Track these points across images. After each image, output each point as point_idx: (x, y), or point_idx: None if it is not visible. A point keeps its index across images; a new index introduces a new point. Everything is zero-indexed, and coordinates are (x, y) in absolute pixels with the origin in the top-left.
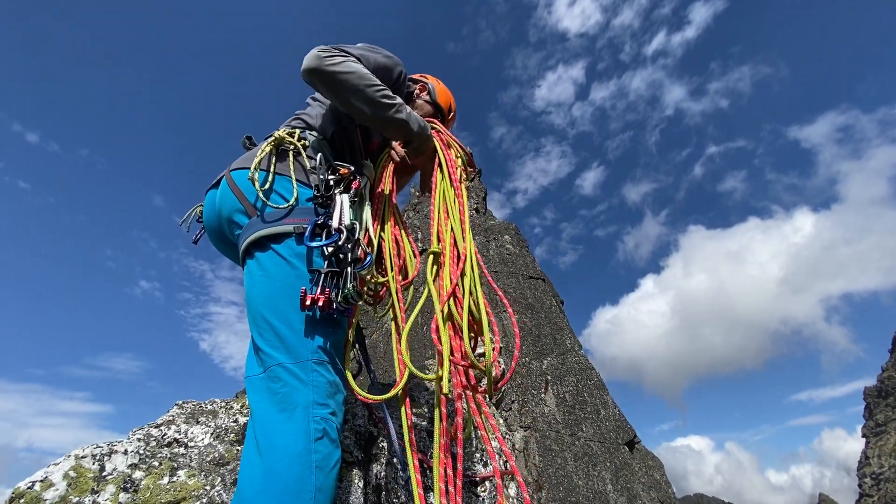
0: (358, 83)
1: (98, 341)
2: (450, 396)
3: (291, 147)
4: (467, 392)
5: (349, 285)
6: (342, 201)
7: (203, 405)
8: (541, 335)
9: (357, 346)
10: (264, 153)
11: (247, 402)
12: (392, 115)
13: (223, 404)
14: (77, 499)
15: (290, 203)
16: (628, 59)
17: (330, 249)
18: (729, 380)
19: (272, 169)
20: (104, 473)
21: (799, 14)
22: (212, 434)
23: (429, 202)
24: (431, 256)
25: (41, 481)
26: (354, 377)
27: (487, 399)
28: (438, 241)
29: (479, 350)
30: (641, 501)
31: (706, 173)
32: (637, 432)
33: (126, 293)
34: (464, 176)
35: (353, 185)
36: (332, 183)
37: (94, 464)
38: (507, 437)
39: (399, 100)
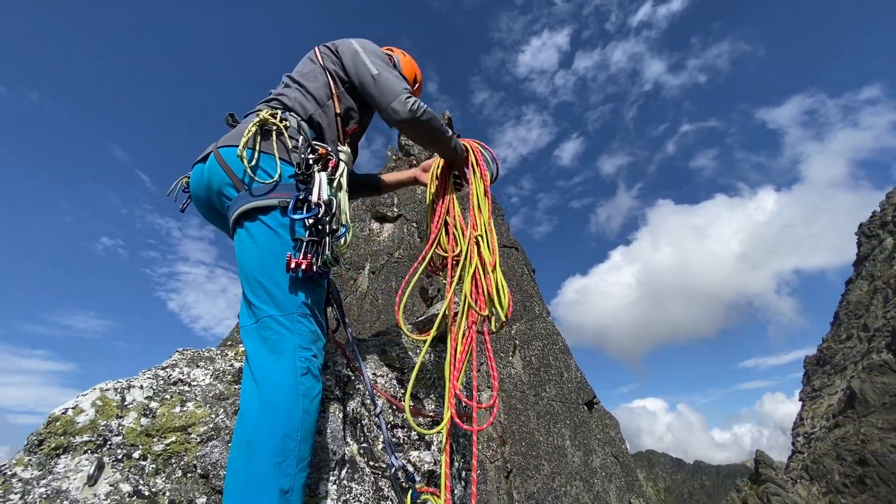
0: (437, 128)
1: (57, 298)
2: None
3: (275, 128)
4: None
5: (327, 252)
6: (321, 178)
7: (201, 352)
8: (512, 301)
9: (335, 305)
10: (250, 133)
11: (240, 351)
12: (451, 146)
13: (219, 352)
14: (105, 422)
15: (275, 179)
16: (613, 29)
17: (310, 221)
18: (685, 347)
19: (257, 147)
20: (125, 403)
21: None
22: (212, 375)
23: (405, 170)
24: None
25: (73, 408)
26: (333, 332)
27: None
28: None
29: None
30: (596, 455)
31: (679, 150)
32: (597, 394)
33: (86, 249)
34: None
35: (330, 164)
36: (311, 161)
37: (116, 395)
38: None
39: (448, 130)
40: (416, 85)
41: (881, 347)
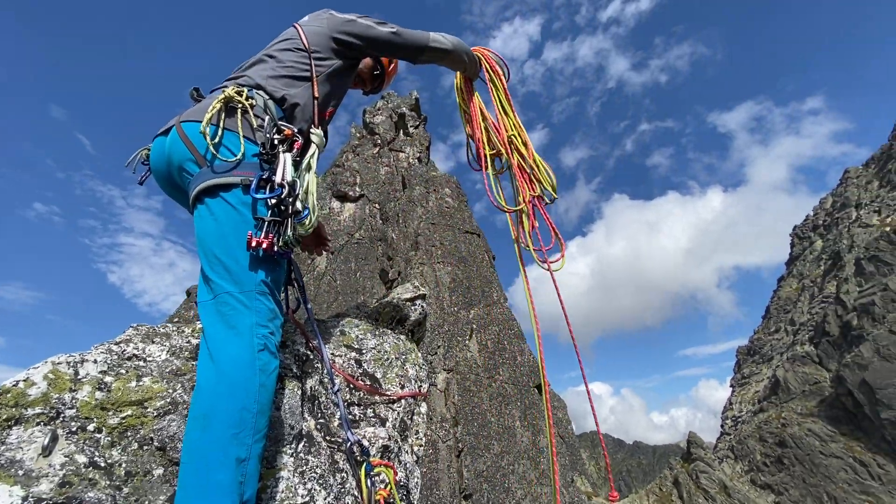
0: (465, 47)
1: None
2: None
3: (240, 106)
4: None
5: (289, 233)
6: (285, 159)
7: (156, 328)
8: (471, 287)
9: (296, 285)
10: (215, 110)
11: (197, 328)
12: (475, 60)
13: (175, 328)
14: (57, 395)
15: (238, 157)
16: (583, 23)
17: (273, 201)
18: (632, 335)
19: (221, 125)
20: (79, 377)
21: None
22: (168, 351)
23: (369, 148)
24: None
25: (24, 381)
26: (294, 312)
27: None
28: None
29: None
30: (544, 436)
31: (637, 147)
32: (548, 377)
33: (16, 215)
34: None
35: (296, 145)
36: (276, 142)
37: (69, 369)
38: (431, 375)
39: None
40: (392, 65)
41: (805, 340)
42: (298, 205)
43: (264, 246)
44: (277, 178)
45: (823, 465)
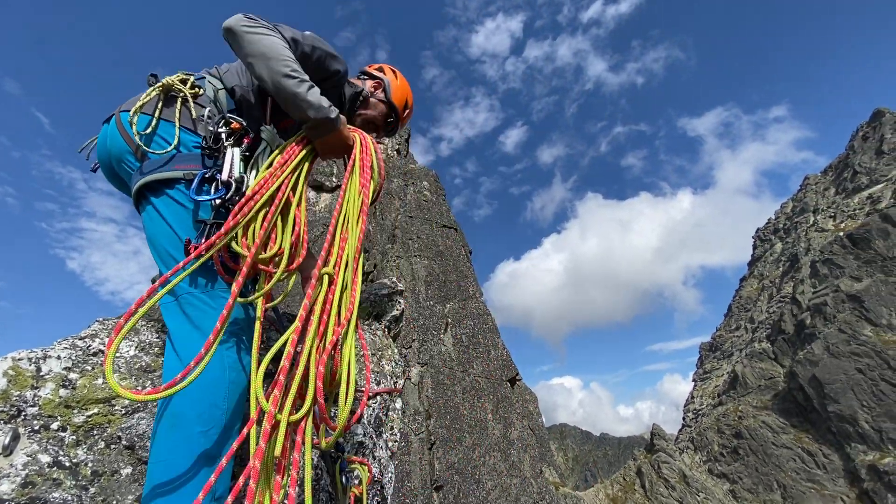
0: (266, 50)
1: None
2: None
3: (180, 94)
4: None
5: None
6: (233, 154)
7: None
8: (447, 281)
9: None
10: (150, 97)
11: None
12: (292, 87)
13: (144, 323)
14: (18, 393)
15: (172, 147)
16: (565, 22)
17: (217, 202)
18: (602, 330)
19: (157, 114)
20: (41, 373)
21: (719, 7)
22: (136, 347)
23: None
24: (326, 278)
25: None
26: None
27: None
28: (334, 262)
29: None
30: (514, 429)
31: (612, 148)
32: (520, 371)
33: None
34: (368, 201)
35: (246, 140)
36: (222, 135)
37: (30, 365)
38: (406, 369)
39: (306, 77)
40: (407, 111)
41: (762, 338)
42: None
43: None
44: (223, 176)
45: (775, 455)
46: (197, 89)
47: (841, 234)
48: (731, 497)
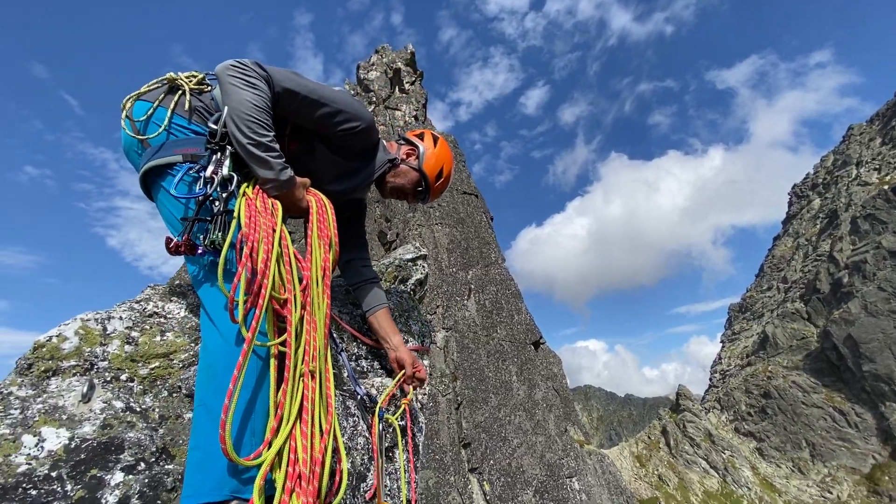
0: (234, 104)
1: None
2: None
3: (183, 87)
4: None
5: (217, 232)
6: (228, 153)
7: (173, 288)
8: (469, 248)
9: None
10: (151, 88)
11: None
12: (245, 143)
13: (189, 288)
14: (90, 349)
15: (161, 129)
16: None
17: (200, 199)
18: (627, 293)
19: (156, 103)
20: (107, 332)
21: None
22: (186, 309)
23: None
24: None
25: (56, 336)
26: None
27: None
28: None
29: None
30: (539, 389)
31: (638, 106)
32: (543, 335)
33: (9, 179)
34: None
35: None
36: (217, 132)
37: (97, 325)
38: (431, 332)
39: (270, 138)
40: (440, 181)
41: (795, 297)
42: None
43: (182, 249)
44: (207, 172)
45: (805, 414)
46: (204, 86)
47: (885, 187)
48: (757, 454)
